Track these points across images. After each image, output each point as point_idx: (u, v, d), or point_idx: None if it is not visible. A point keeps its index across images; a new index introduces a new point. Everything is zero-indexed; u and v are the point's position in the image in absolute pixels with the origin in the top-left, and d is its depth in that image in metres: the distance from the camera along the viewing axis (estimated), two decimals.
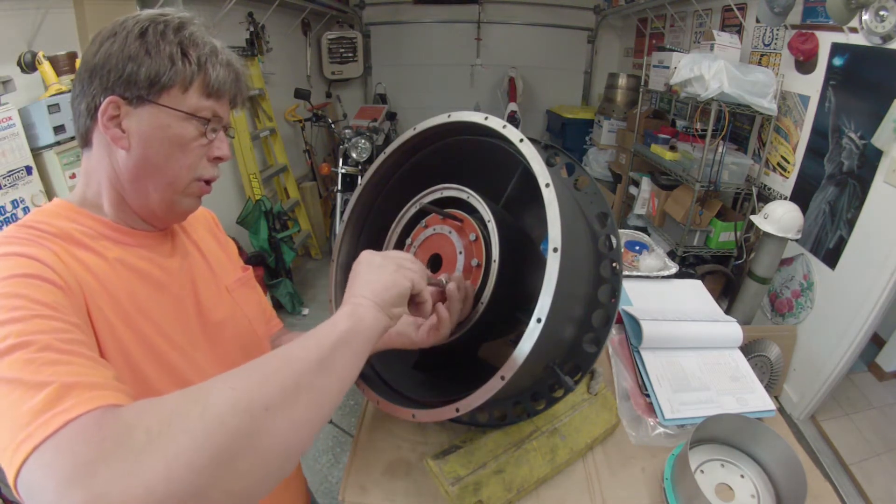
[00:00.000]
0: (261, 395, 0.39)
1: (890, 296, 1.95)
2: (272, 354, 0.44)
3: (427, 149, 0.88)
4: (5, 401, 0.39)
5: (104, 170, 0.58)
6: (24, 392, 0.38)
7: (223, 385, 0.39)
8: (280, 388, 0.40)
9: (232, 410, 0.37)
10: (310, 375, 0.43)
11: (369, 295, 0.52)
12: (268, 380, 0.40)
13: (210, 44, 0.58)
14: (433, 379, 0.84)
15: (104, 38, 0.55)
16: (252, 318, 0.75)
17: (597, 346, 0.76)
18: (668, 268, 1.42)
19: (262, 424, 0.38)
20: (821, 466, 2.09)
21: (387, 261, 0.57)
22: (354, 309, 0.51)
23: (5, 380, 0.39)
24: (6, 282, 0.45)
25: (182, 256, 0.67)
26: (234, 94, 0.62)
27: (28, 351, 0.40)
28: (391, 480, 0.81)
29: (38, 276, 0.47)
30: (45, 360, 0.40)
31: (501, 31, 4.96)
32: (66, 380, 0.39)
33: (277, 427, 0.39)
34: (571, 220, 0.69)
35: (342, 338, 0.47)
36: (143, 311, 0.57)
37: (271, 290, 3.02)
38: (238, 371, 0.41)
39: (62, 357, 0.41)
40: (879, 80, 1.95)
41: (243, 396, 0.38)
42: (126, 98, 0.55)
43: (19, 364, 0.40)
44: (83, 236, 0.56)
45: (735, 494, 0.79)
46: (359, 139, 3.34)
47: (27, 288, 0.45)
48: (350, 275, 0.57)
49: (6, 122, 1.47)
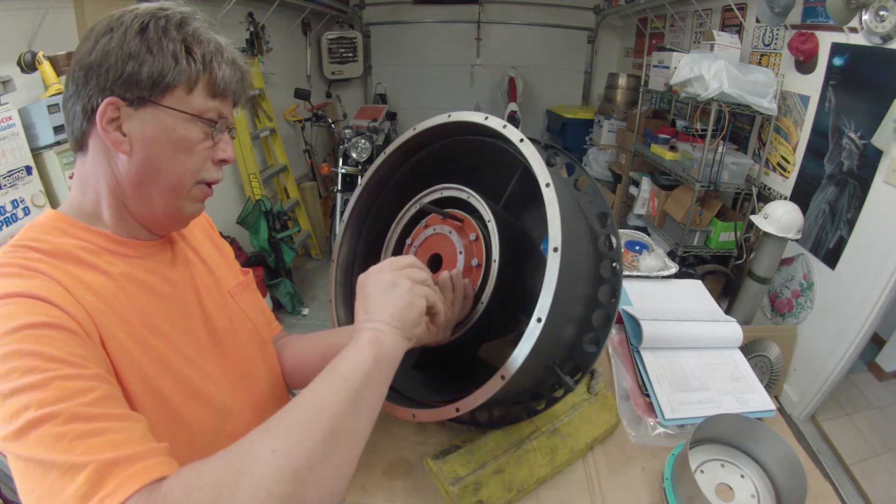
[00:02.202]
0: (304, 454, 0.39)
1: (890, 296, 1.95)
2: (304, 403, 0.43)
3: (427, 149, 0.88)
4: (41, 487, 0.37)
5: (103, 176, 0.55)
6: (60, 475, 0.37)
7: (264, 449, 0.39)
8: (320, 440, 0.40)
9: (278, 477, 0.37)
10: (345, 420, 0.43)
11: (388, 319, 0.51)
12: (307, 434, 0.40)
13: (214, 41, 0.55)
14: (433, 379, 0.84)
15: (100, 33, 0.51)
16: (255, 321, 0.73)
17: (597, 346, 0.76)
18: (668, 268, 1.42)
19: (308, 482, 0.38)
20: (821, 466, 2.09)
21: (398, 278, 0.55)
22: (376, 336, 0.50)
23: (36, 461, 0.38)
24: (16, 335, 0.41)
25: (184, 265, 0.65)
26: (239, 94, 0.59)
27: (54, 424, 0.38)
28: (391, 480, 0.81)
29: (48, 324, 0.43)
30: (75, 434, 0.38)
31: (501, 31, 4.95)
32: (102, 457, 0.38)
33: (322, 478, 0.40)
34: (571, 220, 0.69)
35: (369, 372, 0.46)
36: (154, 328, 0.55)
37: (271, 290, 3.02)
38: (275, 428, 0.41)
39: (92, 426, 0.39)
40: (879, 80, 1.95)
41: (287, 461, 0.38)
42: (126, 99, 0.51)
43: (49, 441, 0.38)
44: (84, 252, 0.52)
45: (735, 494, 0.79)
46: (359, 139, 3.34)
47: (39, 343, 0.42)
48: (359, 293, 0.56)
49: (6, 122, 1.46)
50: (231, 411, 0.62)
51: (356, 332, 0.52)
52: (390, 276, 0.55)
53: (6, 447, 0.39)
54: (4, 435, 0.39)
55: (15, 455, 0.39)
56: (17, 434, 0.38)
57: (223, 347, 0.65)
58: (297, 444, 0.39)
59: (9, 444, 0.39)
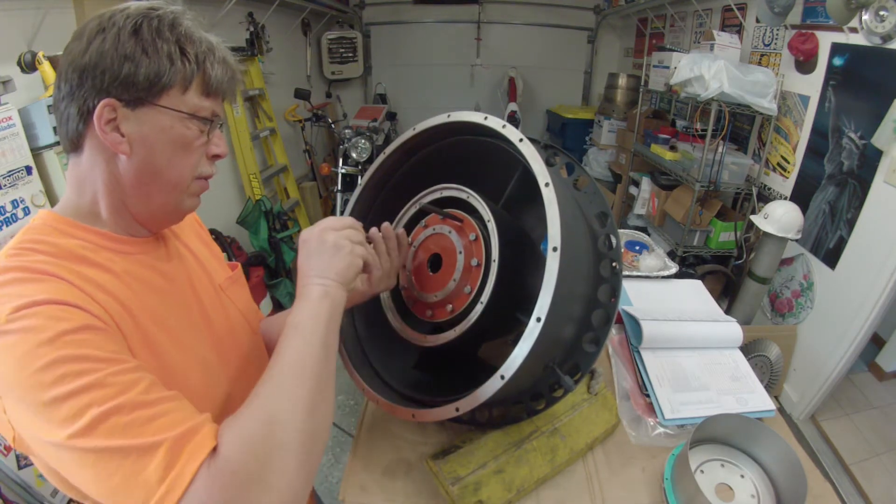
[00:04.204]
0: (307, 396, 0.49)
1: (890, 296, 1.95)
2: (289, 359, 0.51)
3: (427, 149, 0.88)
4: (122, 470, 0.41)
5: (100, 176, 0.55)
6: (139, 457, 0.41)
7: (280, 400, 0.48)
8: (314, 382, 0.50)
9: (297, 418, 0.47)
10: (321, 364, 0.52)
11: (334, 277, 0.59)
12: (303, 381, 0.50)
13: (206, 40, 0.56)
14: (433, 379, 0.84)
15: (92, 34, 0.51)
16: (245, 313, 0.76)
17: (597, 346, 0.76)
18: (668, 268, 1.42)
19: (316, 415, 0.49)
20: (821, 466, 2.09)
21: (340, 240, 0.62)
22: (325, 290, 0.58)
23: (112, 449, 0.41)
24: (56, 343, 0.43)
25: (178, 260, 0.67)
26: (230, 92, 0.61)
27: (121, 415, 0.42)
28: (391, 480, 0.81)
29: (81, 328, 0.45)
30: (143, 420, 0.43)
31: (501, 31, 4.95)
32: (173, 434, 0.43)
33: (323, 412, 0.50)
34: (571, 220, 0.69)
35: (328, 319, 0.56)
36: (160, 322, 0.56)
37: (271, 290, 3.01)
38: (278, 382, 0.49)
39: (155, 410, 0.44)
40: (879, 80, 1.95)
41: (299, 405, 0.48)
42: (123, 100, 0.51)
43: (120, 430, 0.42)
44: (86, 251, 0.53)
45: (735, 494, 0.79)
46: (359, 139, 3.34)
47: (80, 347, 0.44)
48: (302, 248, 0.63)
49: (6, 122, 1.46)
50: (234, 401, 0.63)
51: (305, 286, 0.59)
52: (333, 237, 0.62)
53: (73, 444, 0.41)
54: (71, 434, 0.41)
55: (84, 449, 0.41)
56: (84, 430, 0.41)
57: (221, 339, 0.67)
58: (300, 389, 0.49)
59: (77, 440, 0.41)
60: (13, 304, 0.44)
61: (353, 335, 0.89)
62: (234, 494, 0.42)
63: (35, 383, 0.42)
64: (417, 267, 0.81)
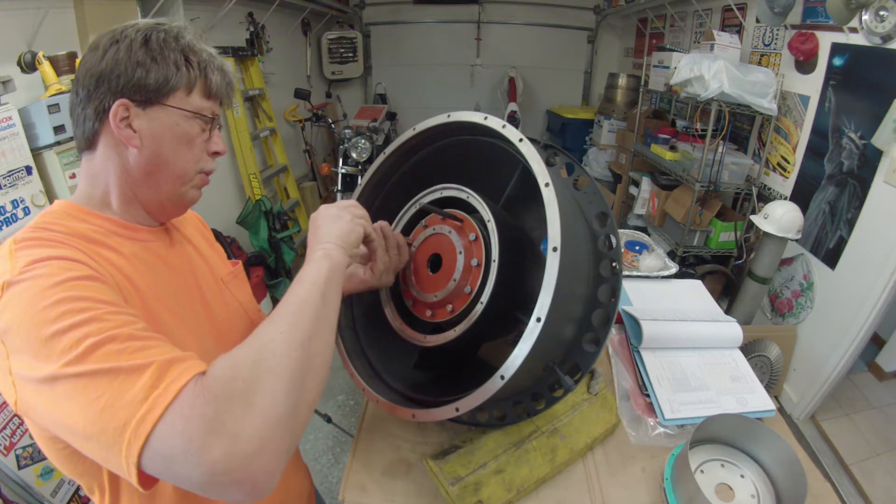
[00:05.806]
0: (302, 331, 0.51)
1: (890, 296, 1.95)
2: (288, 302, 0.54)
3: (427, 149, 0.88)
4: (109, 390, 0.43)
5: (113, 169, 0.62)
6: (127, 376, 0.43)
7: (275, 331, 0.50)
8: (310, 321, 0.53)
9: (291, 346, 0.49)
10: (320, 308, 0.55)
11: (335, 240, 0.64)
12: (300, 319, 0.52)
13: (206, 51, 0.64)
14: (433, 379, 0.84)
15: (106, 45, 0.59)
16: (246, 307, 0.80)
17: (596, 346, 0.76)
18: (668, 268, 1.42)
19: (310, 350, 0.50)
20: (821, 466, 2.09)
21: (342, 212, 0.68)
22: (327, 251, 0.62)
23: (103, 371, 0.43)
24: (62, 286, 0.47)
25: (181, 249, 0.72)
26: (226, 96, 0.69)
27: (115, 343, 0.45)
28: (391, 480, 0.81)
29: (88, 276, 0.50)
30: (135, 348, 0.45)
31: (501, 31, 4.95)
32: (162, 358, 0.45)
33: (318, 348, 0.52)
34: (571, 220, 0.69)
35: (329, 275, 0.59)
36: (164, 302, 0.61)
37: (271, 290, 3.01)
38: (275, 319, 0.51)
39: (147, 343, 0.47)
40: (879, 80, 1.95)
41: (294, 335, 0.50)
42: (135, 100, 0.59)
43: (113, 355, 0.44)
44: (97, 234, 0.59)
45: (735, 494, 0.79)
46: (359, 139, 3.34)
47: (84, 290, 0.48)
48: (311, 226, 0.68)
49: (6, 122, 1.46)
50: None
51: (310, 252, 0.63)
52: (336, 210, 0.69)
53: (65, 371, 0.43)
54: (65, 362, 0.43)
55: (76, 375, 0.43)
56: (79, 358, 0.43)
57: (220, 329, 0.71)
58: (295, 325, 0.51)
59: (70, 367, 0.43)
60: (27, 259, 0.49)
61: (354, 335, 0.89)
62: (217, 409, 0.42)
63: (40, 320, 0.45)
64: (417, 267, 0.81)
